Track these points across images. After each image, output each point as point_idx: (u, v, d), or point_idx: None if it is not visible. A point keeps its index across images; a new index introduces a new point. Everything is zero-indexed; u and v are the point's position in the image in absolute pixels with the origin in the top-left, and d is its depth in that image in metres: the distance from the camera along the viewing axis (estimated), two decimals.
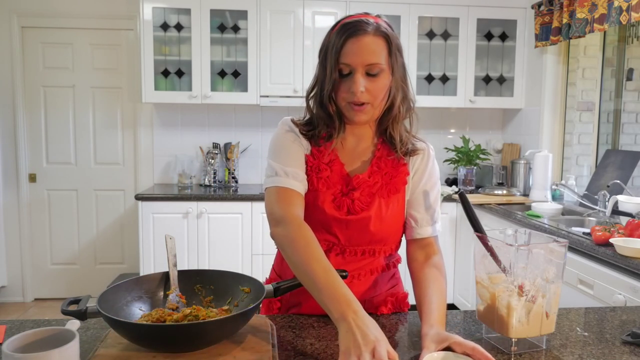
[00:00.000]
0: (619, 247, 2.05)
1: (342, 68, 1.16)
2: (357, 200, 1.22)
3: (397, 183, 1.26)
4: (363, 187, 1.23)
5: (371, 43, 1.15)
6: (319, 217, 1.23)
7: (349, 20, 1.19)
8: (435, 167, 1.32)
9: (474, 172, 3.86)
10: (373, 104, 1.18)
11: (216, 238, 3.48)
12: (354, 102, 1.16)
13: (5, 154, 3.95)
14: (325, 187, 1.23)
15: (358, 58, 1.14)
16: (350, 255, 1.26)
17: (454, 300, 3.75)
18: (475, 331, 1.18)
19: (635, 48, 3.41)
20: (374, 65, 1.15)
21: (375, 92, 1.16)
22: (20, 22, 3.87)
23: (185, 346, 0.97)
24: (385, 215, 1.24)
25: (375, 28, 1.17)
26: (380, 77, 1.16)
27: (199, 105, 3.93)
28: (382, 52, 1.16)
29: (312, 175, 1.23)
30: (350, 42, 1.15)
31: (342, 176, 1.25)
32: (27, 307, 3.98)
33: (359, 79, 1.14)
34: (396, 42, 1.19)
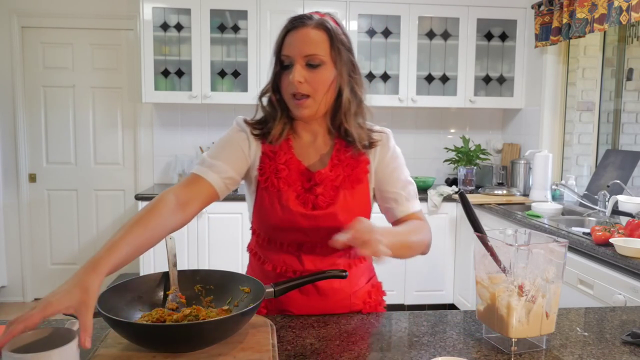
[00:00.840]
0: (619, 247, 2.05)
1: (283, 60, 1.19)
2: (321, 195, 1.23)
3: (359, 173, 1.26)
4: (326, 182, 1.23)
5: (311, 34, 1.17)
6: (287, 216, 1.22)
7: (295, 15, 1.22)
8: (397, 149, 1.33)
9: (474, 172, 3.85)
10: (314, 97, 1.19)
11: (216, 238, 3.48)
12: (294, 93, 1.18)
13: (5, 154, 3.95)
14: (286, 185, 1.23)
15: (296, 49, 1.17)
16: (321, 250, 1.25)
17: (454, 300, 3.75)
18: (475, 331, 1.18)
19: (635, 48, 3.41)
20: (313, 56, 1.16)
21: (315, 84, 1.17)
22: (20, 22, 3.87)
23: (185, 346, 0.97)
24: (352, 206, 1.24)
25: (317, 22, 1.19)
26: (322, 69, 1.17)
27: (199, 105, 3.93)
28: (322, 44, 1.17)
29: (272, 177, 1.23)
30: (290, 34, 1.19)
31: (301, 172, 1.25)
32: (27, 307, 3.95)
33: (297, 69, 1.16)
34: (340, 37, 1.20)
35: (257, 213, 1.28)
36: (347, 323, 1.23)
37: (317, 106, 1.20)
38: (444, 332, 1.18)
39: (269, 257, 1.29)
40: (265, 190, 1.24)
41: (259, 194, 1.27)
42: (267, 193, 1.24)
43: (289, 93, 1.19)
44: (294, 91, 1.17)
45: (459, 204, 1.71)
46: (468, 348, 1.09)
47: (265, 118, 1.28)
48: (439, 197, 3.59)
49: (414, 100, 3.81)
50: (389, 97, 3.81)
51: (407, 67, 3.79)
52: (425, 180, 3.85)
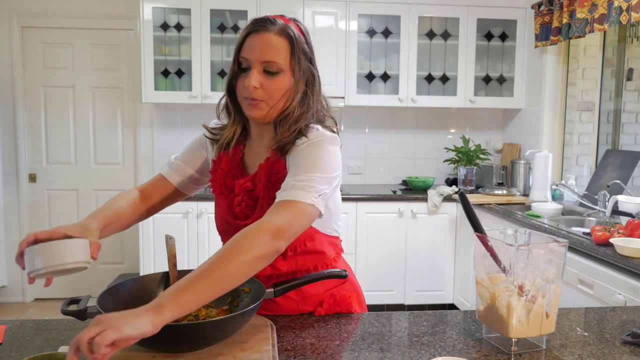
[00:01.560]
0: (619, 247, 2.05)
1: (241, 62, 1.17)
2: (236, 205, 1.22)
3: (276, 182, 1.17)
4: (243, 193, 1.21)
5: (272, 41, 1.15)
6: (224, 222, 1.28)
7: (258, 18, 1.19)
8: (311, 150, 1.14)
9: (474, 172, 3.85)
10: (268, 102, 1.16)
11: (216, 238, 3.46)
12: (248, 97, 1.16)
13: (5, 154, 3.95)
14: (218, 190, 1.26)
15: (255, 53, 1.15)
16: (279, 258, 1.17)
17: (454, 300, 3.75)
18: (475, 331, 1.18)
19: (635, 48, 3.41)
20: (272, 63, 1.14)
21: (271, 91, 1.15)
22: (20, 22, 3.87)
23: (185, 346, 0.97)
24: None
25: (280, 28, 1.16)
26: (279, 77, 1.15)
27: (199, 105, 3.92)
28: (282, 51, 1.15)
29: (215, 182, 1.28)
30: (251, 36, 1.16)
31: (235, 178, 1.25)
32: (27, 307, 3.98)
33: (253, 74, 1.14)
34: (302, 46, 1.17)
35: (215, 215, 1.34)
36: (347, 323, 1.23)
37: (270, 110, 1.18)
38: (444, 332, 1.18)
39: None
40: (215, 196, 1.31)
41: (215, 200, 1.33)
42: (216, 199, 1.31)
43: (242, 96, 1.18)
44: (249, 96, 1.15)
45: (459, 204, 1.71)
46: (468, 348, 1.09)
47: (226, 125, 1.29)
48: (439, 197, 3.59)
49: (414, 100, 3.81)
50: (389, 97, 3.81)
51: (407, 67, 3.79)
52: (425, 180, 3.85)
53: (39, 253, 0.96)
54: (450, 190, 3.64)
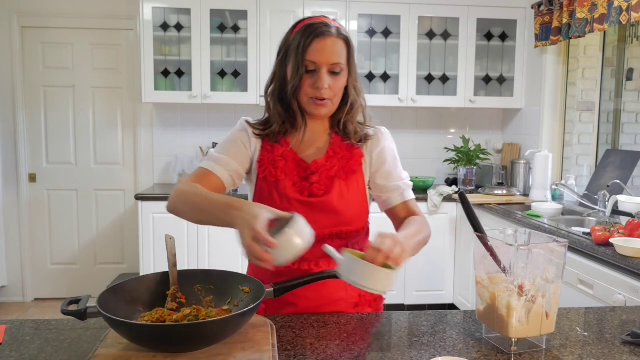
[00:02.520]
0: (619, 247, 2.05)
1: (307, 65, 1.25)
2: (317, 183, 1.30)
3: (353, 165, 1.33)
4: (321, 171, 1.31)
5: (335, 44, 1.25)
6: (284, 205, 1.28)
7: (313, 21, 1.27)
8: (391, 146, 1.42)
9: (474, 172, 3.86)
10: (333, 100, 1.29)
11: (216, 238, 3.48)
12: (317, 97, 1.26)
13: (5, 154, 3.95)
14: (283, 174, 1.30)
15: (323, 57, 1.24)
16: (320, 239, 1.24)
17: (454, 300, 3.75)
18: (475, 331, 1.18)
19: (635, 48, 3.41)
20: (337, 65, 1.26)
21: (336, 90, 1.28)
22: (20, 22, 3.87)
23: (185, 346, 0.97)
24: (347, 196, 1.31)
25: (337, 31, 1.27)
26: (341, 76, 1.28)
27: (199, 105, 3.93)
28: (343, 53, 1.27)
29: (270, 168, 1.31)
30: (316, 41, 1.24)
31: (297, 163, 1.32)
32: (27, 307, 3.98)
33: (324, 76, 1.24)
34: (353, 46, 1.30)
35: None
36: (347, 323, 1.23)
37: (333, 107, 1.31)
38: (444, 332, 1.18)
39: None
40: (264, 181, 1.31)
41: (258, 185, 1.33)
42: (265, 183, 1.31)
43: (309, 96, 1.27)
44: (318, 96, 1.26)
45: (459, 204, 1.72)
46: (468, 348, 1.09)
47: (268, 119, 1.35)
48: (439, 197, 3.59)
49: (414, 100, 3.81)
50: (389, 97, 3.81)
51: (407, 67, 3.79)
52: (425, 180, 3.85)
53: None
54: (450, 190, 3.64)
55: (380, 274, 0.98)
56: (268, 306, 1.33)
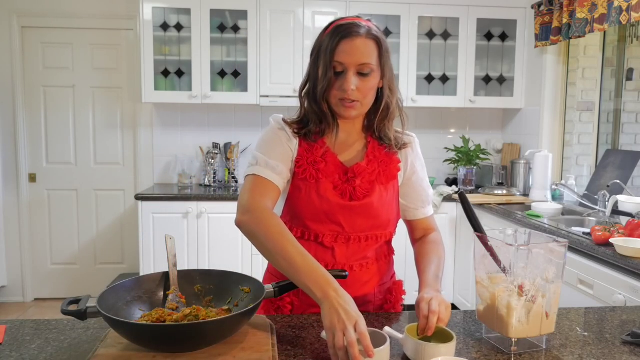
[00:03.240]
0: (619, 247, 2.05)
1: (335, 66, 1.23)
2: (359, 187, 1.28)
3: (392, 170, 1.34)
4: (363, 175, 1.29)
5: (363, 44, 1.22)
6: (324, 207, 1.27)
7: (343, 22, 1.25)
8: (421, 154, 1.43)
9: (474, 172, 3.85)
10: (362, 102, 1.25)
11: (216, 238, 3.47)
12: (345, 98, 1.23)
13: (5, 154, 3.95)
14: (324, 176, 1.28)
15: (351, 58, 1.21)
16: (355, 242, 1.30)
17: (454, 300, 3.75)
18: (475, 331, 1.18)
19: (635, 48, 3.41)
20: (366, 65, 1.22)
21: (365, 91, 1.24)
22: (20, 22, 3.87)
23: (185, 346, 0.97)
24: (385, 200, 1.31)
25: (367, 31, 1.23)
26: (371, 77, 1.24)
27: (199, 105, 3.93)
28: (373, 53, 1.23)
29: (309, 168, 1.28)
30: (344, 42, 1.21)
31: (338, 166, 1.30)
32: (27, 307, 3.98)
33: (351, 78, 1.21)
34: (386, 45, 1.26)
35: (292, 205, 1.30)
36: None
37: (363, 109, 1.28)
38: None
39: None
40: (303, 181, 1.28)
41: (294, 185, 1.29)
42: (304, 184, 1.28)
43: (338, 97, 1.24)
44: (346, 97, 1.23)
45: (459, 204, 1.72)
46: (468, 348, 1.09)
47: (303, 117, 1.33)
48: (439, 197, 3.59)
49: (414, 100, 3.81)
50: None
51: (407, 67, 3.79)
52: None
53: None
54: (450, 190, 3.63)
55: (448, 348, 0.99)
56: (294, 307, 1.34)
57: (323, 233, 1.28)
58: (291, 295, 1.32)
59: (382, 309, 1.39)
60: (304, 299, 1.32)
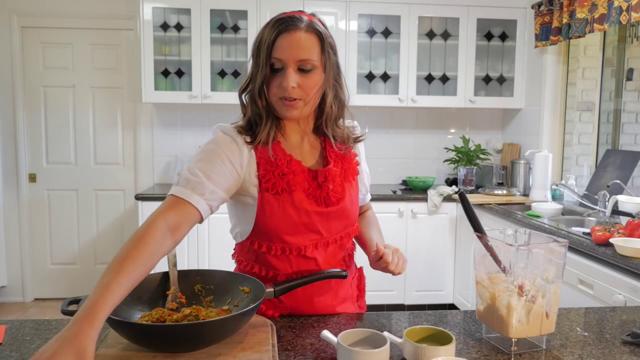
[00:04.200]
0: (619, 247, 2.05)
1: (274, 62, 1.15)
2: (332, 191, 1.24)
3: (354, 166, 1.32)
4: (334, 178, 1.25)
5: (303, 39, 1.14)
6: (302, 218, 1.20)
7: (283, 16, 1.17)
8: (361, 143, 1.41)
9: (474, 172, 3.85)
10: (305, 100, 1.17)
11: (216, 238, 3.48)
12: (285, 97, 1.15)
13: (5, 154, 3.95)
14: (295, 186, 1.20)
15: (290, 53, 1.14)
16: (332, 245, 1.28)
17: (454, 300, 3.75)
18: (475, 331, 1.18)
19: (635, 48, 3.41)
20: (306, 61, 1.14)
21: (307, 88, 1.16)
22: (20, 22, 3.87)
23: (185, 346, 0.97)
24: (354, 198, 1.30)
25: (307, 24, 1.16)
26: (312, 73, 1.16)
27: (199, 105, 3.93)
28: (314, 48, 1.15)
29: (279, 181, 1.18)
30: (282, 36, 1.14)
31: (304, 172, 1.22)
32: (27, 307, 3.98)
33: (290, 74, 1.14)
34: (329, 40, 1.19)
35: (265, 222, 1.20)
36: (347, 323, 1.23)
37: (306, 107, 1.19)
38: None
39: (278, 266, 1.25)
40: (274, 196, 1.18)
41: (264, 201, 1.19)
42: (276, 198, 1.19)
43: (278, 96, 1.17)
44: (286, 95, 1.15)
45: (459, 204, 1.73)
46: (468, 348, 1.09)
47: (251, 121, 1.22)
48: (439, 197, 3.59)
49: (414, 100, 3.81)
50: (389, 97, 3.81)
51: (407, 67, 3.79)
52: (425, 180, 3.85)
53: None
54: (450, 190, 3.63)
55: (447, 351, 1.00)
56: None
57: (304, 244, 1.22)
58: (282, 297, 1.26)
59: (359, 299, 1.42)
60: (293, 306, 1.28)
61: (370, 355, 0.96)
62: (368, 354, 0.96)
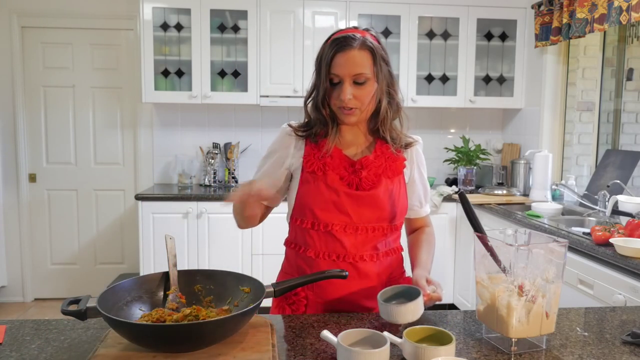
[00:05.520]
0: (619, 247, 2.05)
1: (332, 78, 1.32)
2: (365, 178, 1.36)
3: (399, 166, 1.41)
4: (370, 167, 1.37)
5: (357, 56, 1.30)
6: (332, 197, 1.34)
7: (339, 35, 1.33)
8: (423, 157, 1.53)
9: (474, 172, 3.85)
10: (360, 108, 1.34)
11: (216, 238, 3.47)
12: (343, 107, 1.32)
13: (5, 154, 3.95)
14: (330, 169, 1.36)
15: (345, 70, 1.30)
16: (362, 232, 1.36)
17: (454, 300, 3.75)
18: (475, 331, 1.18)
19: (635, 48, 3.41)
20: (360, 75, 1.30)
21: (362, 98, 1.32)
22: (20, 22, 3.87)
23: (185, 346, 0.97)
24: (391, 193, 1.38)
25: (361, 42, 1.31)
26: (366, 85, 1.32)
27: (199, 105, 3.93)
28: (367, 63, 1.31)
29: (316, 162, 1.36)
30: (338, 55, 1.30)
31: (343, 159, 1.38)
32: (27, 307, 3.98)
33: (346, 89, 1.30)
34: (381, 54, 1.34)
35: (301, 197, 1.38)
36: (347, 323, 1.23)
37: (362, 114, 1.36)
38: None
39: (310, 244, 1.37)
40: (311, 174, 1.37)
41: (303, 178, 1.38)
42: (312, 176, 1.36)
43: (337, 106, 1.34)
44: (344, 106, 1.32)
45: (459, 204, 1.73)
46: (468, 348, 1.09)
47: (309, 122, 1.42)
48: (439, 197, 3.59)
49: (414, 100, 3.81)
50: None
51: (407, 67, 3.79)
52: None
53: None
54: (450, 190, 3.64)
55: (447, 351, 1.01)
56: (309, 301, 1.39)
57: (332, 222, 1.34)
58: (306, 289, 1.36)
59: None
60: (318, 293, 1.36)
61: (370, 355, 0.96)
62: (368, 354, 0.96)
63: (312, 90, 1.40)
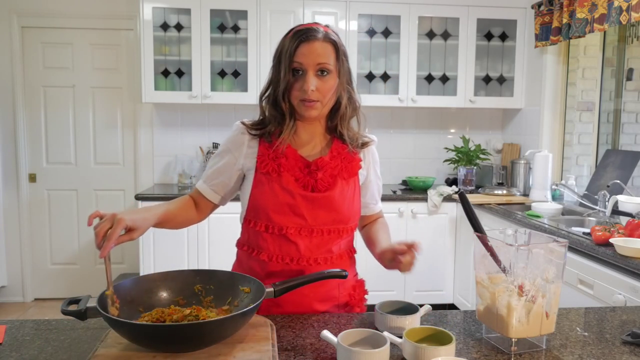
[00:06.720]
0: (619, 247, 2.05)
1: (295, 67, 1.29)
2: (320, 179, 1.33)
3: (354, 167, 1.40)
4: (325, 168, 1.34)
5: (321, 47, 1.29)
6: (287, 199, 1.31)
7: (301, 27, 1.32)
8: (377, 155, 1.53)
9: (474, 172, 3.85)
10: (322, 102, 1.31)
11: (216, 238, 3.47)
12: (305, 99, 1.29)
13: (5, 154, 3.95)
14: (285, 170, 1.33)
15: (309, 59, 1.28)
16: (317, 235, 1.33)
17: (454, 300, 3.75)
18: (475, 331, 1.18)
19: (635, 48, 3.41)
20: (324, 65, 1.28)
21: (324, 91, 1.30)
22: (20, 22, 3.87)
23: (185, 346, 0.97)
24: (346, 195, 1.36)
25: (324, 35, 1.31)
26: (329, 78, 1.30)
27: (199, 105, 3.93)
28: (330, 55, 1.30)
29: (271, 163, 1.33)
30: (302, 45, 1.28)
31: (298, 160, 1.35)
32: (27, 307, 3.98)
33: (310, 78, 1.28)
34: (342, 49, 1.34)
35: (255, 199, 1.35)
36: (347, 323, 1.23)
37: (323, 108, 1.33)
38: None
39: (264, 246, 1.34)
40: (265, 175, 1.33)
41: (256, 179, 1.34)
42: (266, 177, 1.33)
43: (299, 98, 1.30)
44: (306, 97, 1.28)
45: (459, 204, 1.74)
46: (468, 348, 1.09)
47: (263, 120, 1.39)
48: (439, 197, 3.59)
49: (414, 100, 3.81)
50: (389, 97, 3.81)
51: (407, 67, 3.79)
52: (425, 180, 3.85)
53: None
54: (450, 190, 3.63)
55: (447, 351, 1.01)
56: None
57: (287, 225, 1.31)
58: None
59: (347, 306, 1.40)
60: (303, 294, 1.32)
61: (370, 355, 0.96)
62: (368, 354, 0.96)
63: (268, 86, 1.37)
